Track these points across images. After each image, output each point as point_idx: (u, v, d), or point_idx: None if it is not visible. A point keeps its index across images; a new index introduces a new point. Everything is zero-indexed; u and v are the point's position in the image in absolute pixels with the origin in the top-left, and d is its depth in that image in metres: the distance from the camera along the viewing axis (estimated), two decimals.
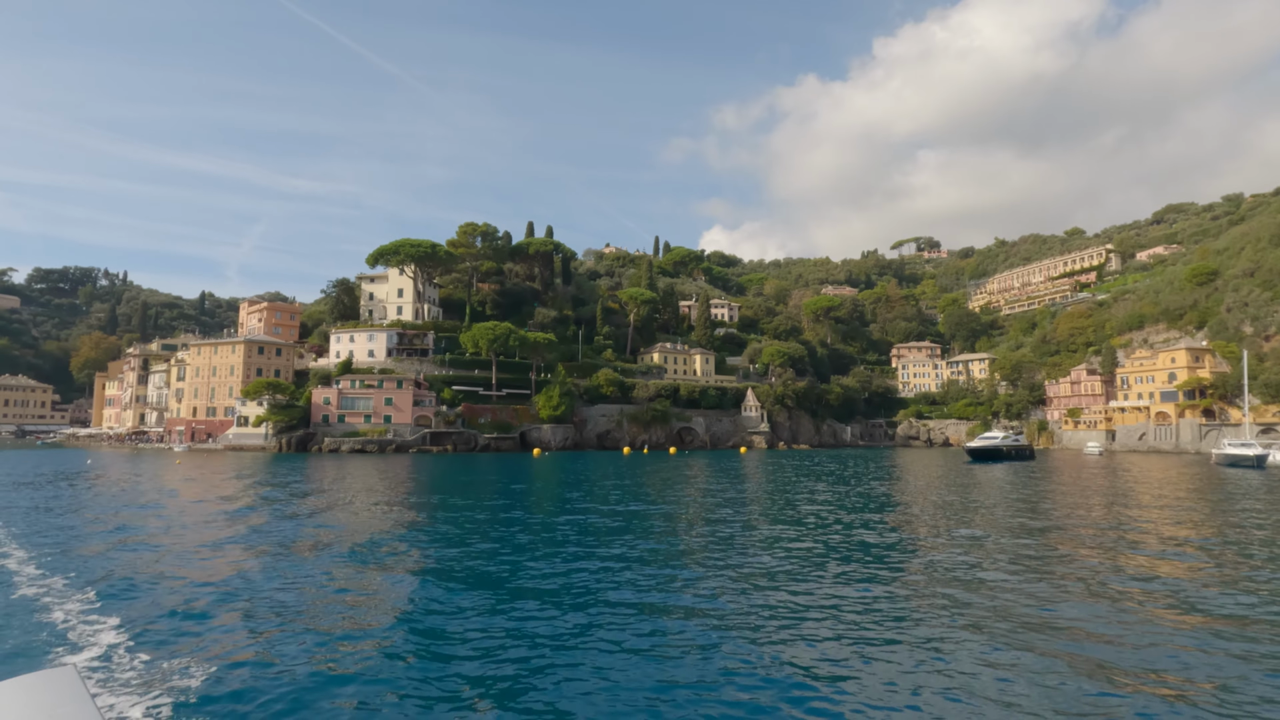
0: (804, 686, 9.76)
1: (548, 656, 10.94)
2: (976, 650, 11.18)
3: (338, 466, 62.59)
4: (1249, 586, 15.70)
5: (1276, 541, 22.21)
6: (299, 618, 13.10)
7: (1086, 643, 11.57)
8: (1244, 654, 10.91)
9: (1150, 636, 11.86)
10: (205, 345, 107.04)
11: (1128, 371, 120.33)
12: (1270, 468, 61.77)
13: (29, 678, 2.92)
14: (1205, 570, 17.63)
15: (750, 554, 19.86)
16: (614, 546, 21.05)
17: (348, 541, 21.88)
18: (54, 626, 12.43)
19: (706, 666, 10.46)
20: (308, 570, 17.47)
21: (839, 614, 13.35)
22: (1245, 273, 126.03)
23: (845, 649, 11.26)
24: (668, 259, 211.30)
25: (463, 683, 9.92)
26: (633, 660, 10.77)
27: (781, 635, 12.04)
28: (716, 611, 13.47)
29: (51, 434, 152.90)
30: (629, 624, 12.68)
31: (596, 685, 9.77)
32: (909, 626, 12.52)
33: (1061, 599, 14.53)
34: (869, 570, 17.81)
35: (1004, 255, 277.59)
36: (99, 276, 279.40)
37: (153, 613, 13.30)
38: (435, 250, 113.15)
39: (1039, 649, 11.19)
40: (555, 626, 12.53)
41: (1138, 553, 20.21)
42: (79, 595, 14.50)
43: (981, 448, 74.59)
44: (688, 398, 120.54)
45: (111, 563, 18.08)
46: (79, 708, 2.76)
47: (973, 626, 12.44)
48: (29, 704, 2.74)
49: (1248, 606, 13.81)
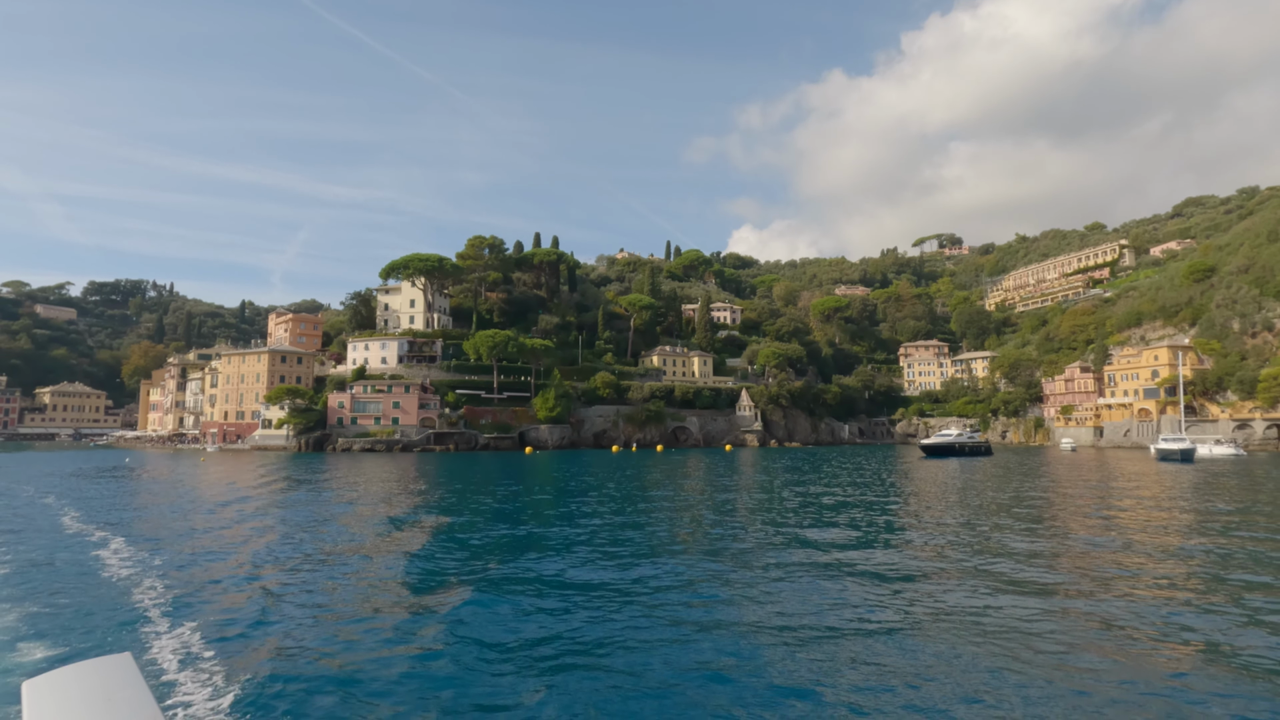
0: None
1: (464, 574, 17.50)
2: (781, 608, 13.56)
3: (349, 463, 70.43)
4: (1086, 560, 19.12)
5: (1113, 515, 27.65)
6: (338, 605, 14.21)
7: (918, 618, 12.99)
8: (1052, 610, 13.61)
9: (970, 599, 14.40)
10: (235, 355, 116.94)
11: (1115, 369, 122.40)
12: (1199, 460, 65.40)
13: (86, 664, 3.00)
14: (1053, 550, 20.43)
15: (566, 531, 26.18)
16: (500, 528, 27.61)
17: (353, 528, 25.79)
18: (124, 606, 14.04)
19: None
20: (335, 551, 21.06)
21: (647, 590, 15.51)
22: (1240, 269, 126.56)
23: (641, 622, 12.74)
24: (678, 263, 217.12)
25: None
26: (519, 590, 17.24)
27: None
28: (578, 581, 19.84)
29: (103, 436, 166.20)
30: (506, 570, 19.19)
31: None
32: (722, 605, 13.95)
33: (883, 560, 20.52)
34: (696, 557, 19.65)
35: (1024, 251, 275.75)
36: (148, 288, 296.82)
37: (196, 600, 14.63)
38: (443, 263, 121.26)
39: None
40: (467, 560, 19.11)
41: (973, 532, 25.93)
42: (151, 578, 16.70)
43: (935, 444, 79.00)
44: (682, 398, 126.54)
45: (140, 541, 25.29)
46: (135, 694, 2.83)
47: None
48: (86, 690, 2.82)
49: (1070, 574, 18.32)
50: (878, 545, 21.45)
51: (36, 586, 15.97)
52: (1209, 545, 20.87)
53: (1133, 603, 14.05)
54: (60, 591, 15.48)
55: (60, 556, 19.73)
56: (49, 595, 15.12)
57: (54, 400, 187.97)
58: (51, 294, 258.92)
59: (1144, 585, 15.65)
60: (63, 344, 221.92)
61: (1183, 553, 19.75)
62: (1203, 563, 18.30)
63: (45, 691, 2.80)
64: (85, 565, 18.48)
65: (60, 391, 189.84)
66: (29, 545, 21.59)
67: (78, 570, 17.86)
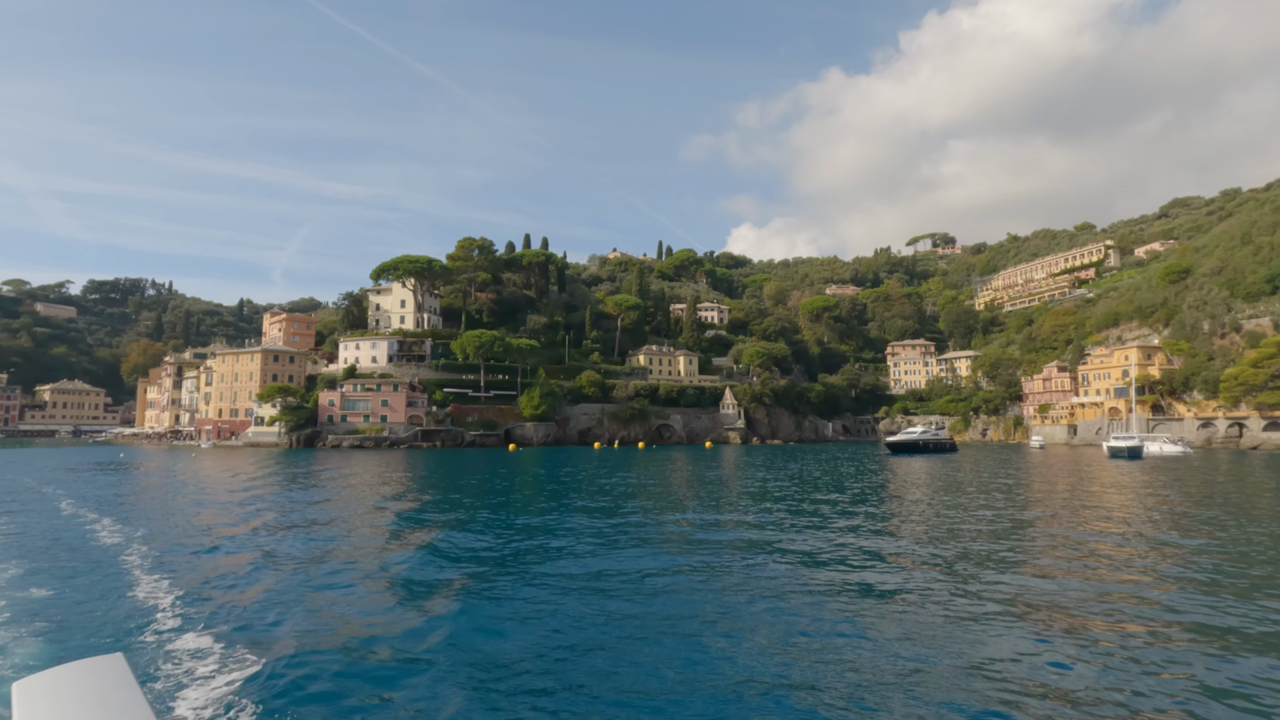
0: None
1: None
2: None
3: (338, 459, 73.39)
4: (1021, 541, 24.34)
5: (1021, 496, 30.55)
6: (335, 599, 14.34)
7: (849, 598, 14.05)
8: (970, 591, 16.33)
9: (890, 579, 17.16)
10: (229, 354, 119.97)
11: (1089, 368, 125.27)
12: (1146, 457, 68.41)
13: (77, 664, 2.98)
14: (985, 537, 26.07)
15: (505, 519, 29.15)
16: (453, 511, 30.58)
17: (338, 518, 31.38)
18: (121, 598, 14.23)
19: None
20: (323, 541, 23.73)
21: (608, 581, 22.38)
22: (1213, 271, 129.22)
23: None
24: (669, 262, 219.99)
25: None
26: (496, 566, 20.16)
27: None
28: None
29: (102, 433, 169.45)
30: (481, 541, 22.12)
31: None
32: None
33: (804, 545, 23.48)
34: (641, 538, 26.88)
35: (1014, 251, 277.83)
36: (147, 286, 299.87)
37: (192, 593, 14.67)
38: (432, 265, 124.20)
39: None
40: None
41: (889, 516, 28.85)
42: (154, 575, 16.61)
43: (899, 441, 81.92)
44: (666, 396, 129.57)
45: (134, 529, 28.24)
46: (126, 695, 2.80)
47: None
48: (77, 691, 2.80)
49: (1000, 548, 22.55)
50: (763, 527, 24.40)
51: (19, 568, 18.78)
52: (1069, 530, 23.80)
53: (985, 577, 16.97)
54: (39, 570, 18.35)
55: (39, 543, 22.68)
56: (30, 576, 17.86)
57: (54, 398, 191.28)
58: (51, 292, 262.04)
59: (994, 562, 18.58)
60: (63, 342, 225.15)
61: (1047, 536, 22.69)
62: (1064, 545, 21.23)
63: (36, 692, 2.78)
64: (61, 550, 21.42)
65: (60, 389, 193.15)
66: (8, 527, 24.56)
67: (57, 550, 20.79)
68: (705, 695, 9.17)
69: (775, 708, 8.80)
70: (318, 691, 9.30)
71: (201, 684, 9.46)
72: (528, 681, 9.76)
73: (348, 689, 9.43)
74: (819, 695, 9.14)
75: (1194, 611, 13.00)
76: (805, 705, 8.83)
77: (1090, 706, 8.81)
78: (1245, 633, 11.74)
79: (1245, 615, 12.73)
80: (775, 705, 8.87)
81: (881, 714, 8.59)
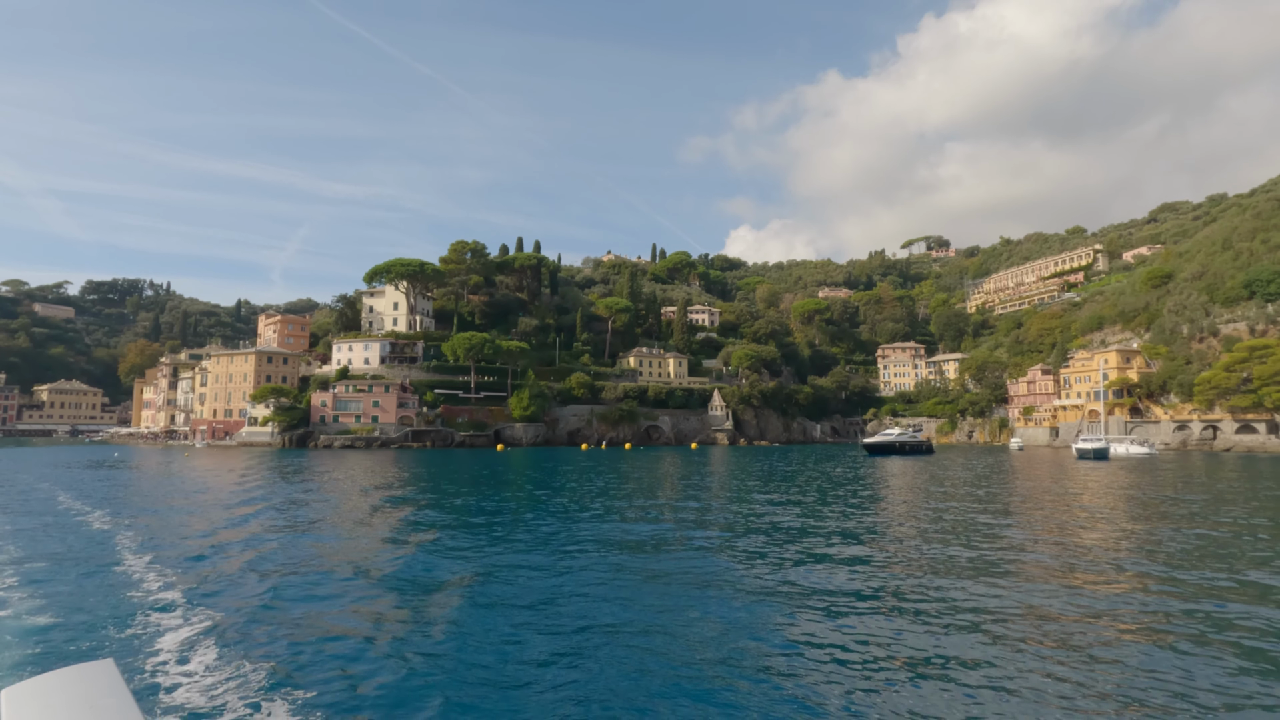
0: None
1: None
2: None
3: (330, 458, 75.22)
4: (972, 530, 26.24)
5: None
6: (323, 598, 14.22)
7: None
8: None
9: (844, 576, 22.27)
10: (224, 355, 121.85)
11: (1070, 371, 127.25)
12: (1113, 458, 70.41)
13: (68, 671, 2.95)
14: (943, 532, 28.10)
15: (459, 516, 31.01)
16: (429, 509, 32.45)
17: (326, 513, 33.43)
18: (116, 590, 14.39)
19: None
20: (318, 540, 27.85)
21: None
22: (1194, 276, 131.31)
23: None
24: (662, 265, 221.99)
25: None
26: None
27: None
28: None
29: (99, 433, 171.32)
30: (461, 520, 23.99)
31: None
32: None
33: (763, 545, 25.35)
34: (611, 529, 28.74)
35: (1006, 254, 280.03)
36: (145, 287, 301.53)
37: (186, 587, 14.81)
38: (424, 268, 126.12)
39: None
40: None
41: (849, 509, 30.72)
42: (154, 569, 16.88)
43: (877, 443, 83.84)
44: (655, 398, 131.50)
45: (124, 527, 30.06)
46: (117, 701, 2.78)
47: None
48: (68, 697, 2.77)
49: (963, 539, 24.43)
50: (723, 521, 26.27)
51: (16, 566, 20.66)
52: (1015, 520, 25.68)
53: (925, 573, 18.84)
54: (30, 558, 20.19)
55: (26, 541, 24.51)
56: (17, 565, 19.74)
57: (51, 397, 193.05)
58: (50, 293, 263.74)
59: (935, 563, 20.46)
60: (60, 342, 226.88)
61: (987, 528, 24.58)
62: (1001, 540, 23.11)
63: (25, 699, 2.75)
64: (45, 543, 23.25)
65: (58, 389, 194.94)
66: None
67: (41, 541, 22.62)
68: (702, 693, 9.30)
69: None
70: (312, 694, 9.19)
71: (192, 688, 9.33)
72: (521, 675, 9.94)
73: (343, 689, 9.39)
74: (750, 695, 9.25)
75: (1100, 605, 13.36)
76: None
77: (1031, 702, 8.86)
78: (1154, 628, 11.94)
79: (1150, 609, 13.19)
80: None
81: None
